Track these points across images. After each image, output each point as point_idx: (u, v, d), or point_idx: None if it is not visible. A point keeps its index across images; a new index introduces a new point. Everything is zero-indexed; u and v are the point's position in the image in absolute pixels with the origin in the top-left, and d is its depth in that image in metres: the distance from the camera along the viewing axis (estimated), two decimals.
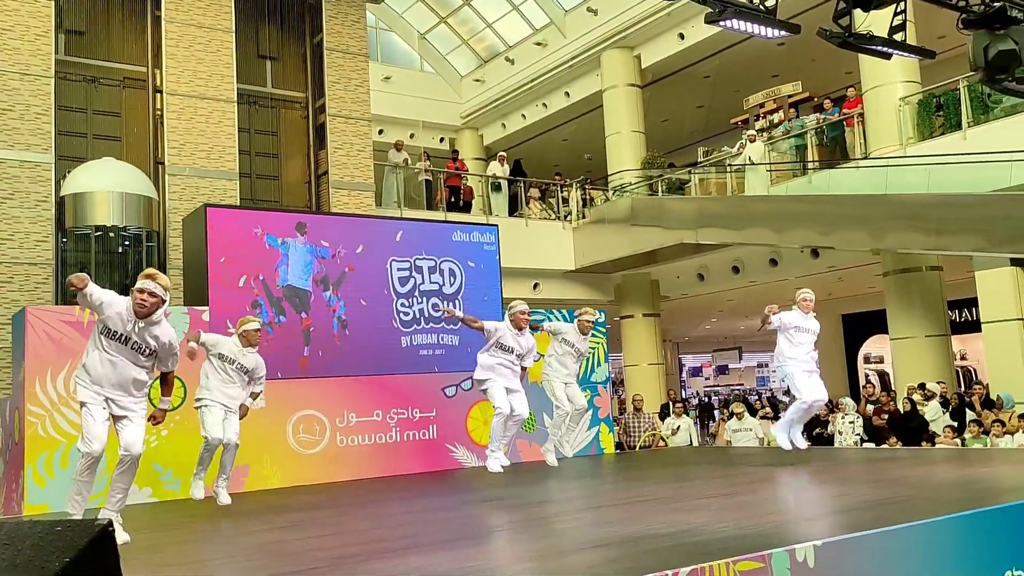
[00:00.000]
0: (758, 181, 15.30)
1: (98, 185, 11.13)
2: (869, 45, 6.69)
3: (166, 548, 5.46)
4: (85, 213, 11.15)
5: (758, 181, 15.30)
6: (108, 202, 11.12)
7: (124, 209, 11.21)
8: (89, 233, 11.23)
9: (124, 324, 5.30)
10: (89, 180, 11.17)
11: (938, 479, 6.59)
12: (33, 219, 11.00)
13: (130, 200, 11.24)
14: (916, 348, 13.32)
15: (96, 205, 11.12)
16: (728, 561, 3.68)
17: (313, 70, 13.91)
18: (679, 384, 29.94)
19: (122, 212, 11.21)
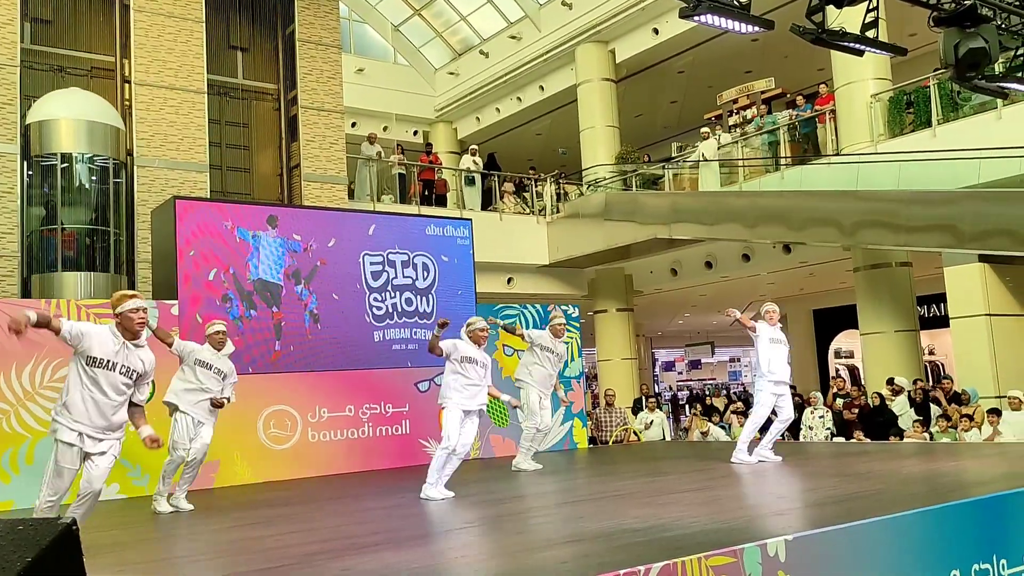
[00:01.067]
0: (711, 177, 15.47)
1: (64, 113, 10.90)
2: (842, 42, 6.73)
3: (133, 545, 5.38)
4: (50, 141, 10.89)
5: (711, 177, 15.47)
6: (74, 130, 10.89)
7: (90, 137, 10.99)
8: (55, 164, 10.94)
9: (111, 349, 5.04)
10: (54, 108, 10.94)
11: (906, 473, 6.66)
12: None
13: (96, 129, 11.03)
14: (885, 343, 13.48)
15: (61, 133, 10.88)
16: (700, 556, 3.69)
17: (285, 61, 13.76)
18: (652, 379, 30.08)
19: (89, 140, 10.98)
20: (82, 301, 8.55)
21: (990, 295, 11.50)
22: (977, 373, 11.50)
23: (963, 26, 6.25)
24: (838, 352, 22.32)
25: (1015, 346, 11.59)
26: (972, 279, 11.54)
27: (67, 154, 10.88)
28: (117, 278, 11.16)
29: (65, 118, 10.86)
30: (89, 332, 5.04)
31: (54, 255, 10.88)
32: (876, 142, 13.08)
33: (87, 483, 5.00)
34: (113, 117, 11.35)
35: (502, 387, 10.66)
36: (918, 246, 11.85)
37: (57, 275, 10.75)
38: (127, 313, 5.14)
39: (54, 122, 10.88)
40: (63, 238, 10.86)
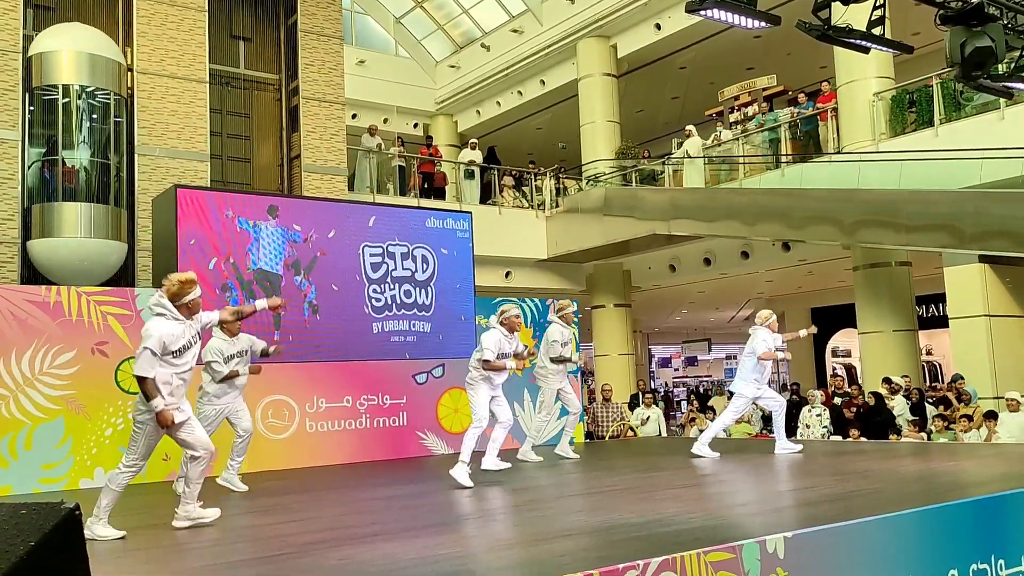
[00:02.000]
0: (696, 175, 15.50)
1: (65, 45, 10.95)
2: (848, 38, 6.72)
3: (133, 533, 5.37)
4: (51, 73, 10.96)
5: (696, 175, 15.50)
6: (75, 62, 10.95)
7: (92, 70, 11.06)
8: (56, 98, 10.98)
9: (183, 336, 5.18)
10: (56, 41, 11.01)
11: (903, 473, 6.68)
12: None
13: (98, 62, 11.09)
14: (883, 342, 13.50)
15: (63, 65, 10.95)
16: (699, 552, 3.69)
17: (287, 52, 13.73)
18: (648, 375, 30.12)
19: (91, 73, 11.05)
20: (83, 288, 8.53)
21: (990, 296, 11.51)
22: (975, 374, 11.52)
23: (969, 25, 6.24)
24: (835, 351, 22.35)
25: (1014, 347, 11.61)
26: (972, 279, 11.55)
27: (68, 86, 10.97)
28: (118, 211, 11.24)
29: (67, 50, 10.94)
30: (163, 331, 5.12)
31: (54, 187, 10.94)
32: (878, 141, 13.08)
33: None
34: (114, 51, 11.43)
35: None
36: (918, 246, 11.86)
37: (57, 206, 10.89)
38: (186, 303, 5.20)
39: (55, 54, 10.96)
40: (63, 170, 10.95)
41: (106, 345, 8.32)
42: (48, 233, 10.86)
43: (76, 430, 8.08)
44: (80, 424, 8.10)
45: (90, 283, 11.14)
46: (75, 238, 10.87)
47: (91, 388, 8.18)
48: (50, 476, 7.91)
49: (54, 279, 10.84)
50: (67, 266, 10.90)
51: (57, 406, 7.99)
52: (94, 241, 10.98)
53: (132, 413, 5.45)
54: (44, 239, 10.85)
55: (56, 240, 10.87)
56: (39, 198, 10.98)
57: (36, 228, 10.87)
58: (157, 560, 4.57)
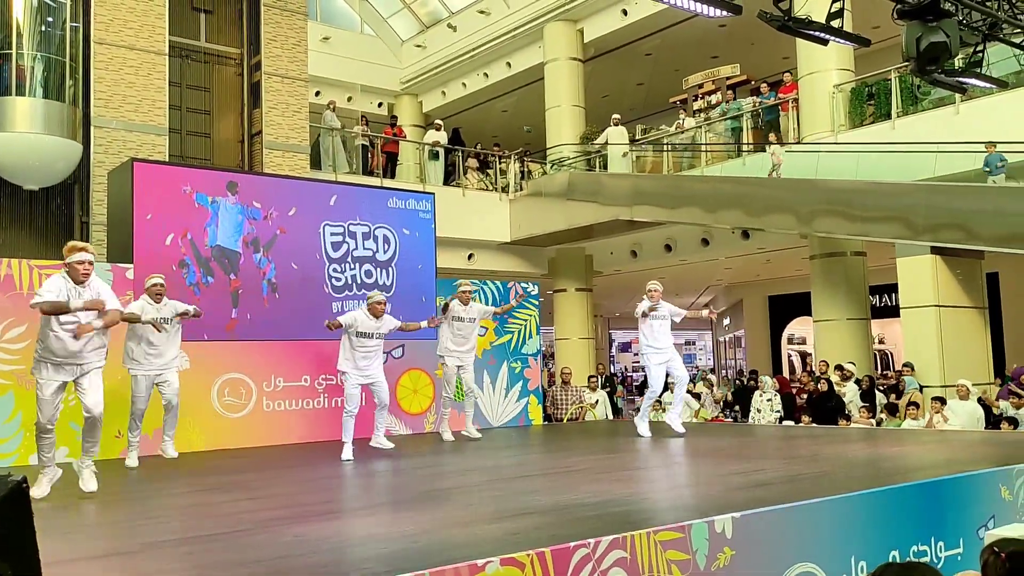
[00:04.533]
0: (622, 166, 16.23)
1: None
2: (807, 30, 6.81)
3: (84, 507, 5.32)
4: None
5: (622, 166, 16.23)
6: None
7: None
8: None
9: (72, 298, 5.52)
10: None
11: (851, 457, 6.84)
12: None
13: None
14: (837, 330, 13.77)
15: None
16: (649, 531, 3.77)
17: (249, 26, 13.50)
18: (608, 359, 30.36)
19: None
20: (34, 262, 8.36)
21: (940, 287, 11.79)
22: (926, 362, 11.81)
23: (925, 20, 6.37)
24: (791, 338, 22.74)
25: (963, 337, 11.92)
26: (924, 270, 11.82)
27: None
28: (73, 109, 11.08)
29: None
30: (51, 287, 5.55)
31: (7, 82, 10.78)
32: (837, 132, 13.29)
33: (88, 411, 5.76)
34: None
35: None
36: (872, 236, 12.10)
37: (11, 99, 10.76)
38: (73, 264, 5.61)
39: None
40: (16, 66, 10.80)
41: None
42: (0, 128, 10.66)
43: (26, 405, 7.92)
44: (30, 399, 7.91)
45: (42, 183, 10.99)
46: (28, 133, 10.70)
47: None
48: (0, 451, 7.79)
49: (6, 176, 10.68)
50: (19, 163, 10.76)
51: (7, 381, 7.85)
52: (48, 138, 10.83)
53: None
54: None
55: (8, 135, 10.67)
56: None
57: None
58: (107, 536, 4.53)
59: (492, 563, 3.29)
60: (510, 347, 11.17)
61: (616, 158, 16.40)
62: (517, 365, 11.19)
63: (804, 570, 4.24)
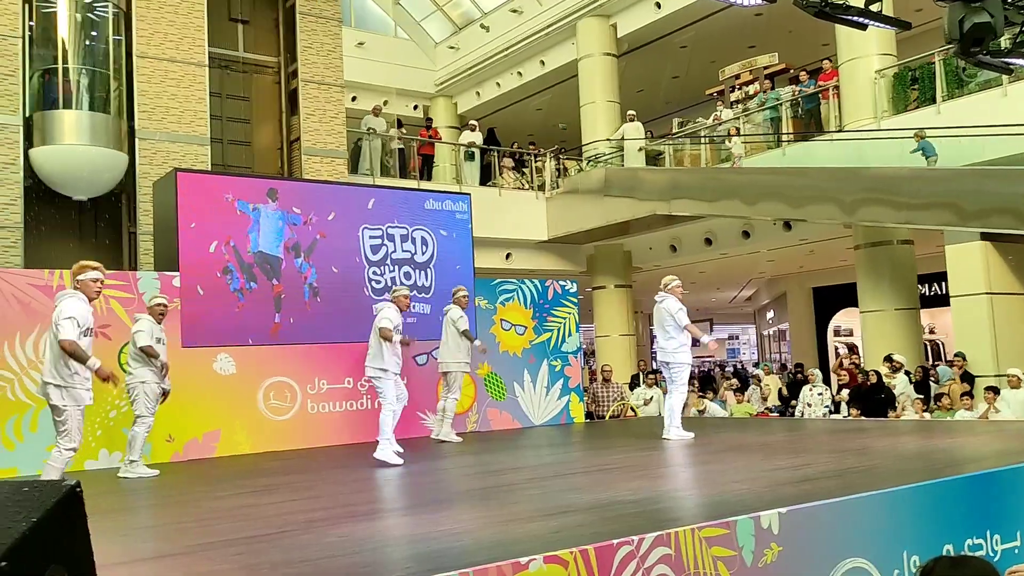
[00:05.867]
0: (637, 161, 16.24)
1: None
2: (845, 15, 6.68)
3: (137, 511, 5.43)
4: None
5: (637, 161, 16.24)
6: None
7: None
8: (54, 11, 11.12)
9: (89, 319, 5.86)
10: None
11: (901, 449, 6.71)
12: (1, 182, 10.79)
13: None
14: (885, 321, 13.49)
15: None
16: (694, 527, 3.73)
17: (286, 34, 13.68)
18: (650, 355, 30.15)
19: None
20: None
21: (991, 274, 11.48)
22: (977, 352, 11.52)
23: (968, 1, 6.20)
24: (837, 330, 22.34)
25: (1015, 325, 11.60)
26: (973, 257, 11.52)
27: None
28: (118, 121, 11.35)
29: None
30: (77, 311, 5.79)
31: (55, 95, 11.07)
32: (880, 119, 13.02)
33: None
34: None
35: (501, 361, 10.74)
36: (919, 224, 11.83)
37: (58, 113, 11.06)
38: (87, 282, 5.89)
39: None
40: (63, 80, 11.11)
41: (108, 328, 8.35)
42: (49, 141, 10.97)
43: None
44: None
45: (90, 193, 11.26)
46: (75, 145, 11.00)
47: None
48: None
49: (55, 187, 10.97)
50: (68, 174, 11.05)
51: None
52: (95, 149, 11.11)
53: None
54: (45, 147, 10.96)
55: (57, 147, 10.96)
56: (40, 106, 11.12)
57: (37, 136, 11.03)
58: (159, 538, 4.62)
59: (535, 561, 3.28)
60: (549, 345, 11.16)
61: (632, 153, 16.34)
62: (557, 363, 11.17)
63: (854, 565, 4.16)
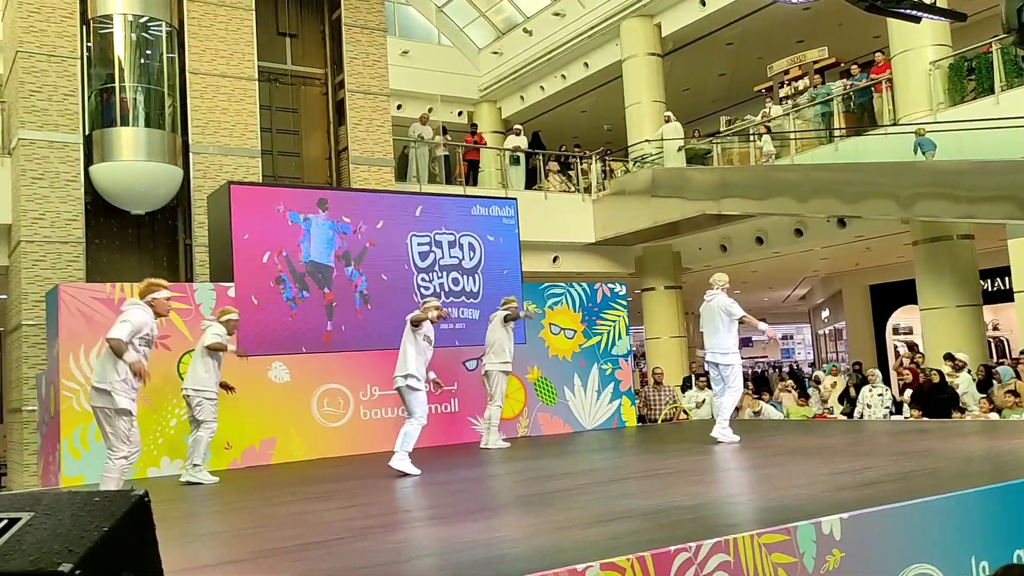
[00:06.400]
0: (675, 162, 16.11)
1: None
2: (897, 9, 6.52)
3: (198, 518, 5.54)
4: (108, 3, 11.53)
5: (675, 162, 16.11)
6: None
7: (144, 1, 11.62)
8: (111, 31, 11.44)
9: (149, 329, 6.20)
10: None
11: (967, 451, 6.52)
12: (63, 198, 11.15)
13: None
14: (947, 318, 13.12)
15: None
16: (752, 534, 3.67)
17: (332, 46, 13.87)
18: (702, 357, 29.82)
19: (143, 1, 11.63)
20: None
21: None
22: None
23: None
24: (896, 328, 21.82)
25: None
26: None
27: (123, 15, 11.51)
28: (172, 136, 11.67)
29: None
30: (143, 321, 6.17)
31: (113, 113, 11.42)
32: (935, 111, 12.69)
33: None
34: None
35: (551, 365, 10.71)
36: (980, 218, 11.49)
37: (116, 130, 11.41)
38: (157, 300, 6.30)
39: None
40: (120, 98, 11.46)
41: (168, 339, 8.55)
42: (108, 158, 11.31)
43: (142, 421, 8.27)
44: (146, 415, 8.34)
45: (147, 207, 11.57)
46: (133, 161, 11.33)
47: (155, 380, 8.38)
48: None
49: (114, 202, 11.29)
50: (126, 189, 11.39)
51: None
52: (151, 164, 11.43)
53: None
54: (104, 163, 11.30)
55: (115, 163, 11.29)
56: (99, 124, 11.49)
57: (97, 153, 11.37)
58: (222, 544, 4.70)
59: (592, 568, 3.26)
60: (599, 349, 11.11)
61: (671, 154, 16.20)
62: (608, 367, 11.11)
63: (921, 571, 4.05)
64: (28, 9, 11.15)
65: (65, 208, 11.11)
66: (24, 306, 10.69)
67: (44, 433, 8.93)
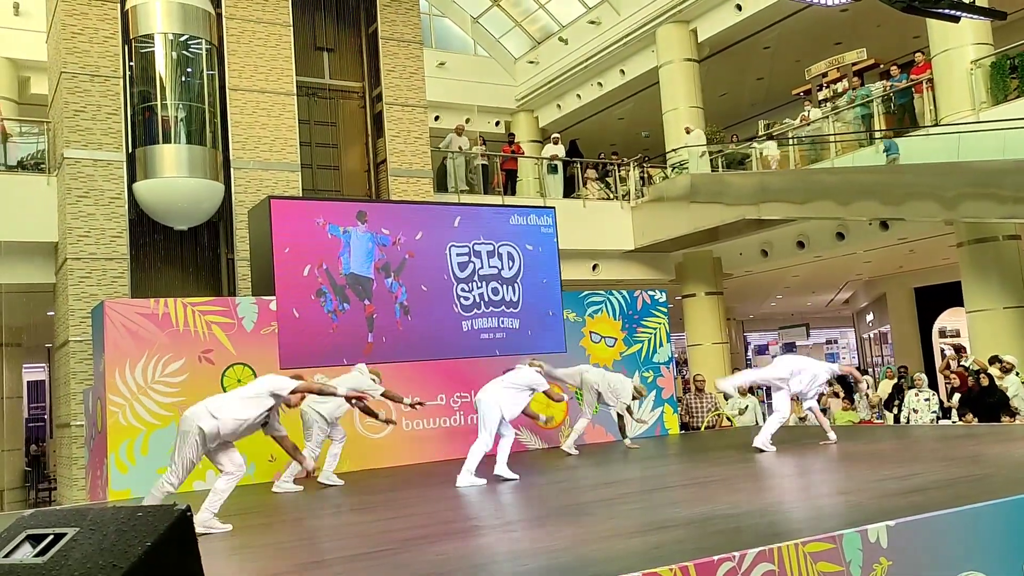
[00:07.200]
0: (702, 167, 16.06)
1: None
2: (935, 9, 6.44)
3: (242, 531, 5.63)
4: (147, 23, 11.75)
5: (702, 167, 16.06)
6: (167, 12, 11.69)
7: (184, 19, 11.81)
8: (152, 50, 11.71)
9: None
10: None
11: (1018, 456, 6.37)
12: (108, 215, 11.41)
13: (189, 11, 11.81)
14: (994, 321, 12.84)
15: (158, 15, 11.73)
16: (798, 542, 3.63)
17: (369, 59, 14.03)
18: (745, 363, 29.49)
19: (182, 21, 11.80)
20: (188, 300, 8.95)
21: None
22: None
23: None
24: (943, 332, 21.38)
25: None
26: None
27: (164, 34, 11.73)
28: (214, 152, 11.92)
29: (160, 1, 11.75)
30: None
31: (155, 130, 11.64)
32: (978, 110, 12.45)
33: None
34: (204, 2, 12.14)
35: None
36: None
37: (158, 147, 11.60)
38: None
39: (150, 4, 11.70)
40: (162, 116, 11.69)
41: (211, 353, 8.71)
42: (151, 175, 11.54)
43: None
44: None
45: (190, 223, 11.80)
46: (175, 178, 11.55)
47: (200, 394, 8.48)
48: None
49: (158, 218, 11.55)
50: (169, 205, 11.61)
51: (169, 412, 8.41)
52: (193, 180, 11.63)
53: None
54: (147, 180, 11.53)
55: (158, 180, 11.52)
56: (142, 142, 11.74)
57: (140, 170, 11.60)
58: (265, 557, 4.77)
59: None
60: (640, 356, 11.06)
61: (694, 160, 16.18)
62: (649, 374, 11.06)
63: None
64: (72, 31, 11.46)
65: (110, 225, 11.37)
66: (71, 322, 10.94)
67: (91, 447, 9.13)
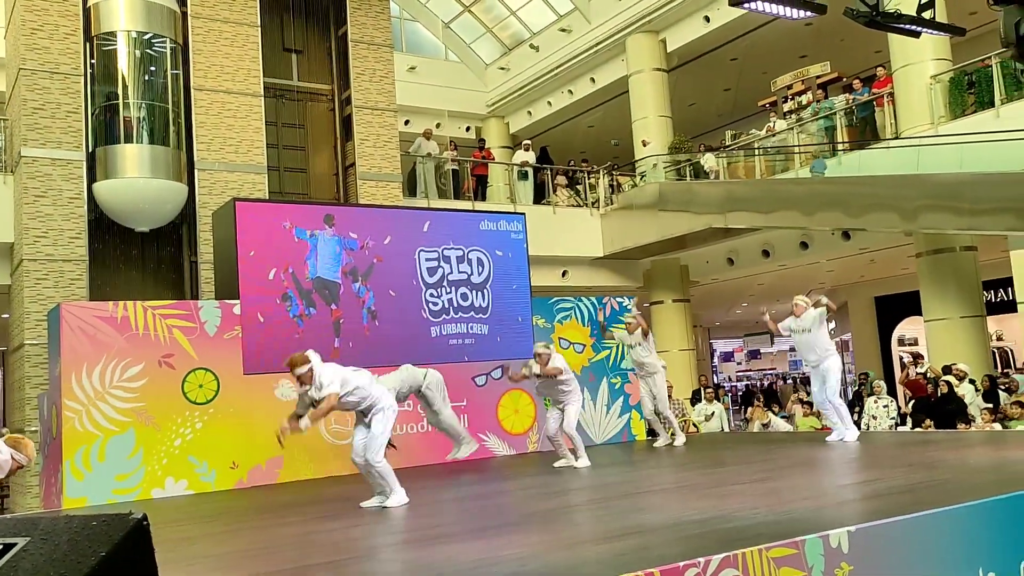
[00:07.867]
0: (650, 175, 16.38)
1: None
2: (897, 24, 6.57)
3: (201, 540, 5.55)
4: (109, 21, 11.53)
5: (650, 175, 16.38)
6: (130, 9, 11.50)
7: (148, 17, 11.63)
8: (114, 48, 11.50)
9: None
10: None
11: (974, 462, 6.50)
12: (66, 216, 11.19)
13: (153, 9, 11.63)
14: (951, 330, 13.13)
15: (120, 12, 11.53)
16: (761, 548, 3.67)
17: (338, 62, 13.95)
18: (711, 370, 29.77)
19: (146, 19, 11.62)
20: (148, 303, 8.81)
21: None
22: None
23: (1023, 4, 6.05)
24: (901, 340, 21.78)
25: None
26: None
27: (127, 32, 11.55)
28: (177, 153, 11.73)
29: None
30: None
31: (117, 130, 11.44)
32: (937, 124, 12.72)
33: None
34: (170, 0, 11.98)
35: None
36: (983, 229, 11.51)
37: (120, 147, 11.40)
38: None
39: (113, 1, 11.51)
40: (124, 115, 11.49)
41: (172, 357, 8.57)
42: (112, 175, 11.32)
43: (146, 441, 8.35)
44: (150, 435, 8.37)
45: (152, 225, 11.60)
46: (137, 178, 11.35)
47: (159, 400, 8.43)
48: (123, 487, 8.17)
49: (118, 219, 11.33)
50: (130, 207, 11.40)
51: (127, 418, 8.26)
52: (155, 181, 11.45)
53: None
54: (108, 180, 11.30)
55: (119, 181, 11.31)
56: (102, 141, 11.50)
57: (100, 170, 11.37)
58: (224, 567, 4.70)
59: None
60: (609, 363, 11.11)
61: (650, 172, 16.53)
62: (617, 380, 11.12)
63: None
64: (31, 27, 11.23)
65: (68, 226, 11.15)
66: (26, 325, 10.70)
67: (46, 454, 8.94)
